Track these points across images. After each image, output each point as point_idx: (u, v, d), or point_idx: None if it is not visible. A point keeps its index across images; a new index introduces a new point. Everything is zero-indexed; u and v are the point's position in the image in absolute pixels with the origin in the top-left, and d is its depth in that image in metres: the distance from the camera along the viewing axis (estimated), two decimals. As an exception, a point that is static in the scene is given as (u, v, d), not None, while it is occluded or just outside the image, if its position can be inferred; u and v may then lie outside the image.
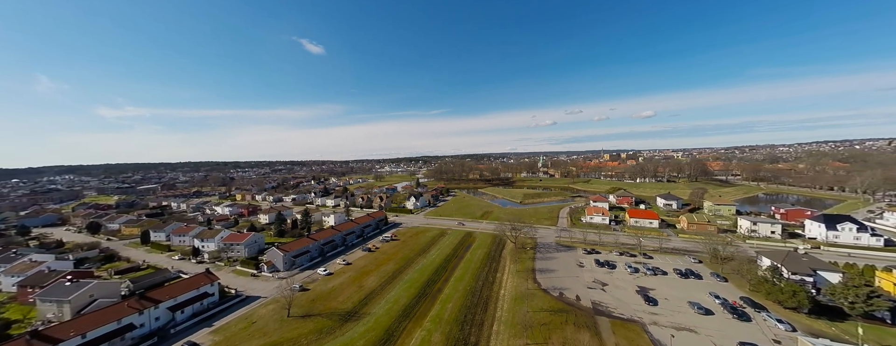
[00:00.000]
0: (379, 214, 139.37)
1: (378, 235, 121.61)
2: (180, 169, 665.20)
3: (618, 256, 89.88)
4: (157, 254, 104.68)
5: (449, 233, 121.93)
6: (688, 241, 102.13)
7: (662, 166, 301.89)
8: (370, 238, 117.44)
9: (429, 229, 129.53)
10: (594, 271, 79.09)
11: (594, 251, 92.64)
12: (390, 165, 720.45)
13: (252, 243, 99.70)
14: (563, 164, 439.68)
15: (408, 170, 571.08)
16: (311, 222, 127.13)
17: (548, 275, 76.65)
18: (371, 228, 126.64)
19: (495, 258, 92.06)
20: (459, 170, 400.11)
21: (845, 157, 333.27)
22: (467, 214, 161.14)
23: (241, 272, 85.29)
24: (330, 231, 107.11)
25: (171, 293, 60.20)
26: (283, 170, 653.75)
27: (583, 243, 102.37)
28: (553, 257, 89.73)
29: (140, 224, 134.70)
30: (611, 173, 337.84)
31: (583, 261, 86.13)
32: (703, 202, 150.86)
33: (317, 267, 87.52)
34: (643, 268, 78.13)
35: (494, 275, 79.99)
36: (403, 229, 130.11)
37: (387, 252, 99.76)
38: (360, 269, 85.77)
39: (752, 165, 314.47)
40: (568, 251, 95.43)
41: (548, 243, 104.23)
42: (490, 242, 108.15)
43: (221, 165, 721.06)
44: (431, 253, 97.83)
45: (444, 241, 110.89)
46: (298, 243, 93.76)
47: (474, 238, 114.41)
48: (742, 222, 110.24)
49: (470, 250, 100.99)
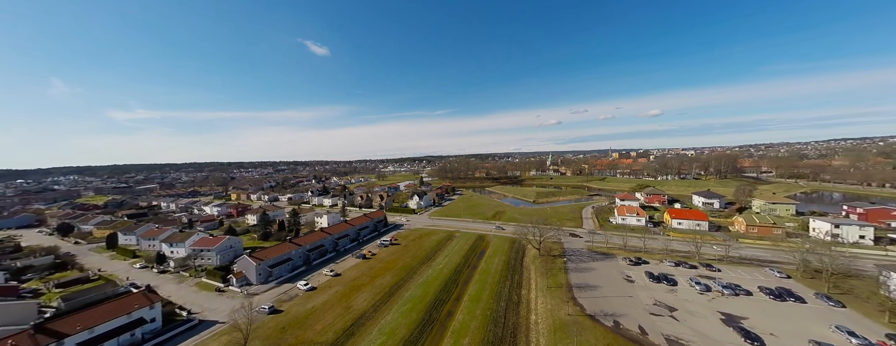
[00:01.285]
0: (377, 214, 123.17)
1: (376, 238, 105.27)
2: (184, 170, 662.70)
3: (672, 266, 71.66)
4: (120, 261, 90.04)
5: (458, 236, 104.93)
6: (757, 247, 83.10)
7: (687, 163, 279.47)
8: (366, 242, 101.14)
9: (434, 231, 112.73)
10: (650, 288, 61.12)
11: (640, 261, 74.48)
12: (394, 165, 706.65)
13: (226, 249, 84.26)
14: (574, 162, 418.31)
15: (412, 169, 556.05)
16: (300, 224, 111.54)
17: (590, 294, 59.00)
18: (368, 230, 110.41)
19: (517, 269, 74.68)
20: (465, 168, 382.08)
21: (890, 151, 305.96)
22: (477, 214, 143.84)
23: (205, 286, 69.63)
24: (318, 235, 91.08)
25: (87, 322, 44.43)
26: (286, 170, 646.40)
27: (622, 249, 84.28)
28: (590, 268, 71.94)
29: (113, 225, 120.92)
30: (626, 171, 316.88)
31: (630, 274, 68.14)
32: (751, 201, 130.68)
33: (299, 279, 71.40)
34: (715, 285, 59.88)
35: (519, 292, 62.67)
36: (405, 232, 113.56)
37: (385, 260, 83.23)
38: (351, 282, 69.30)
39: (787, 161, 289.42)
40: (606, 260, 77.47)
41: (578, 250, 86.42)
42: (507, 247, 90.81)
43: (225, 166, 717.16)
44: (438, 261, 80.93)
45: (452, 246, 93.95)
46: (278, 249, 77.81)
47: (487, 243, 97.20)
48: (817, 225, 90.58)
49: (484, 257, 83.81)
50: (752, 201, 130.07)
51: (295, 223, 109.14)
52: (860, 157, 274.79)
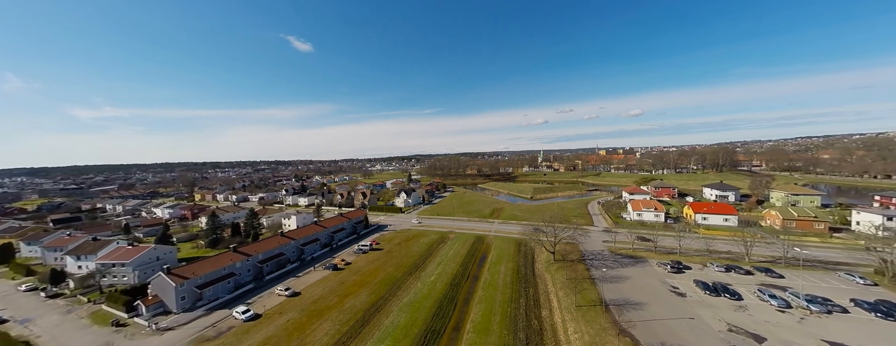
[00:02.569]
0: (357, 214, 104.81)
1: (354, 242, 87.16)
2: (153, 170, 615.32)
3: (722, 272, 57.63)
4: (5, 281, 68.02)
5: (452, 238, 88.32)
6: (809, 246, 70.40)
7: (683, 157, 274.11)
8: (342, 247, 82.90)
9: (424, 232, 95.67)
10: (709, 303, 46.46)
11: (680, 266, 60.10)
12: (382, 163, 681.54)
13: (149, 263, 64.25)
14: (567, 158, 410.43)
15: (400, 168, 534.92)
16: (259, 226, 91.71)
17: (636, 315, 43.66)
18: (344, 233, 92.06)
19: (529, 279, 58.78)
20: (455, 166, 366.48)
21: (870, 145, 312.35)
22: (472, 212, 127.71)
23: (103, 317, 49.88)
24: (276, 241, 72.10)
25: None
26: (267, 170, 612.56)
27: (651, 250, 70.00)
28: (621, 277, 56.90)
29: (20, 233, 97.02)
30: (620, 166, 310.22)
31: (675, 283, 53.49)
32: (769, 193, 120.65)
33: (241, 302, 52.82)
34: (793, 297, 45.83)
35: (539, 314, 46.70)
36: (390, 234, 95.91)
37: (361, 270, 65.51)
38: (311, 305, 51.35)
39: (780, 154, 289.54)
40: (637, 265, 62.78)
41: (598, 252, 71.59)
42: (513, 250, 74.93)
43: (200, 166, 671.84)
44: (429, 271, 64.01)
45: (445, 250, 77.18)
46: (215, 261, 58.65)
47: (488, 245, 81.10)
48: (862, 217, 79.45)
49: (487, 264, 67.55)
50: (771, 193, 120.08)
51: (252, 226, 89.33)
52: (847, 151, 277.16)
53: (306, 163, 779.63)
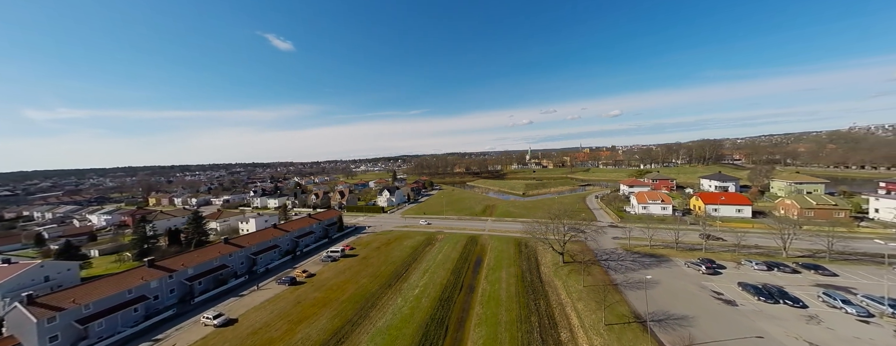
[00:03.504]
0: (329, 215, 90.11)
1: (324, 247, 72.75)
2: (114, 174, 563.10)
3: (763, 271, 48.32)
4: None
5: (441, 239, 75.77)
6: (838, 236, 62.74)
7: (672, 151, 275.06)
8: (308, 255, 68.36)
9: (408, 233, 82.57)
10: (769, 313, 36.42)
11: (713, 265, 50.36)
12: (367, 164, 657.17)
13: (30, 285, 47.61)
14: (555, 155, 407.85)
15: (386, 168, 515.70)
16: (206, 233, 75.23)
17: (686, 334, 32.72)
18: (313, 237, 77.40)
19: (538, 289, 47.18)
20: (443, 165, 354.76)
21: (836, 138, 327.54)
22: (463, 209, 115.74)
23: (-74, 371, 33.63)
24: (217, 250, 56.83)
25: None
26: (243, 172, 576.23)
27: (671, 247, 60.37)
28: (649, 281, 46.38)
29: None
30: (608, 162, 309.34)
31: (716, 287, 43.46)
32: (770, 183, 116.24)
33: (149, 337, 37.88)
34: (872, 302, 36.59)
35: (557, 336, 35.06)
36: (368, 236, 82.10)
37: (326, 284, 51.68)
38: (245, 339, 37.20)
39: (761, 147, 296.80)
40: (661, 266, 52.69)
41: (610, 251, 61.28)
42: (513, 252, 63.35)
43: (167, 169, 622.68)
44: (412, 282, 51.14)
45: (433, 254, 64.48)
46: (117, 282, 43.02)
47: (483, 246, 69.20)
48: (882, 204, 73.71)
49: (483, 270, 55.49)
50: (771, 182, 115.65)
51: (197, 233, 72.80)
52: (820, 144, 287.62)
53: (287, 165, 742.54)
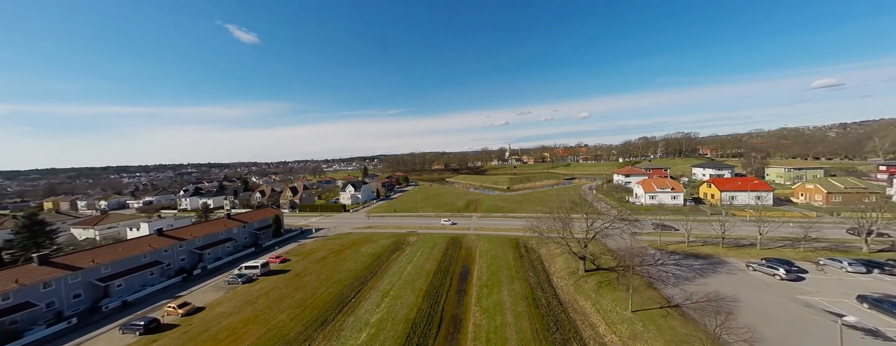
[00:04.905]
0: (262, 215, 67.45)
1: (250, 258, 50.75)
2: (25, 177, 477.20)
3: (862, 274, 34.77)
4: None
5: (413, 242, 56.70)
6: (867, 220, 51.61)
7: (652, 145, 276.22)
8: (213, 273, 46.22)
9: (370, 236, 62.52)
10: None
11: (792, 268, 36.17)
12: (341, 164, 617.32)
13: None
14: (535, 151, 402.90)
15: (360, 167, 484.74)
16: (52, 245, 49.86)
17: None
18: (230, 246, 54.92)
19: (560, 320, 29.78)
20: (420, 162, 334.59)
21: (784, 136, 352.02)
22: (442, 205, 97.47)
23: None
24: (29, 275, 33.58)
25: None
26: (195, 173, 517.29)
27: (717, 245, 46.10)
28: (720, 296, 30.63)
29: None
30: (588, 157, 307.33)
31: (823, 303, 28.65)
32: (765, 169, 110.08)
33: None
34: None
35: None
36: (315, 242, 60.95)
37: (207, 330, 30.69)
38: None
39: (729, 141, 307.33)
40: (718, 271, 37.74)
41: (638, 251, 45.39)
42: (511, 258, 45.88)
43: (99, 171, 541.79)
44: (361, 316, 31.67)
45: (399, 265, 45.25)
46: None
47: (469, 250, 51.17)
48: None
49: (471, 288, 37.37)
50: (766, 169, 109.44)
51: (34, 246, 47.48)
52: (776, 139, 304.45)
53: (249, 165, 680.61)
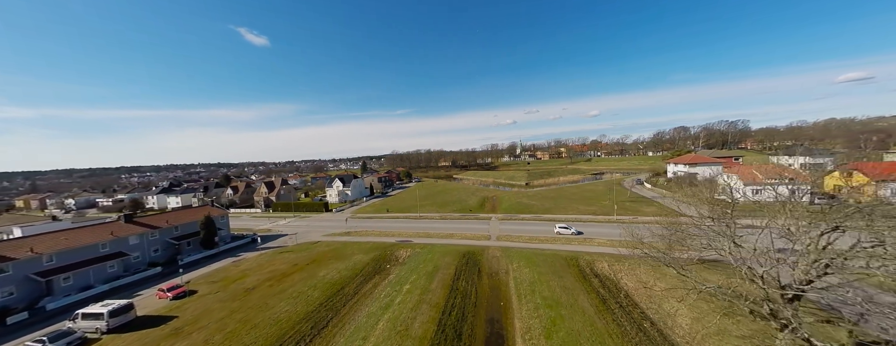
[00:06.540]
0: (188, 217, 47.60)
1: (142, 286, 30.77)
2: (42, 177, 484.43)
3: None
4: None
5: (402, 260, 35.38)
6: None
7: (692, 137, 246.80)
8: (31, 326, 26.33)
9: (343, 246, 41.70)
10: None
11: None
12: (347, 163, 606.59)
13: None
14: (550, 146, 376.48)
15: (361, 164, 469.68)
16: None
17: None
18: (114, 270, 34.95)
19: None
20: (426, 158, 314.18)
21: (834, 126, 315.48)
22: (448, 204, 75.95)
23: None
24: None
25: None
26: (203, 172, 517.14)
27: None
28: None
29: None
30: (611, 151, 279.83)
31: None
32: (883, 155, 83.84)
33: None
34: None
35: None
36: (257, 258, 40.55)
37: None
38: None
39: (773, 133, 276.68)
40: None
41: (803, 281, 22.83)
42: (585, 305, 23.99)
43: (111, 171, 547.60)
44: None
45: (369, 312, 23.98)
46: None
47: (495, 280, 29.38)
48: None
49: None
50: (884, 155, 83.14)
51: None
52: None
53: (257, 165, 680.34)
